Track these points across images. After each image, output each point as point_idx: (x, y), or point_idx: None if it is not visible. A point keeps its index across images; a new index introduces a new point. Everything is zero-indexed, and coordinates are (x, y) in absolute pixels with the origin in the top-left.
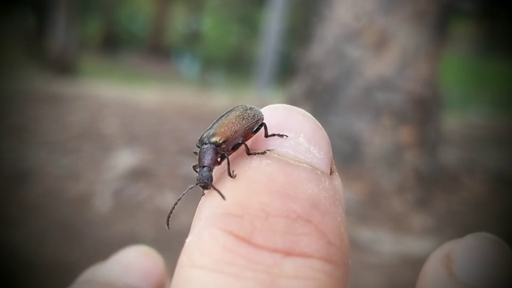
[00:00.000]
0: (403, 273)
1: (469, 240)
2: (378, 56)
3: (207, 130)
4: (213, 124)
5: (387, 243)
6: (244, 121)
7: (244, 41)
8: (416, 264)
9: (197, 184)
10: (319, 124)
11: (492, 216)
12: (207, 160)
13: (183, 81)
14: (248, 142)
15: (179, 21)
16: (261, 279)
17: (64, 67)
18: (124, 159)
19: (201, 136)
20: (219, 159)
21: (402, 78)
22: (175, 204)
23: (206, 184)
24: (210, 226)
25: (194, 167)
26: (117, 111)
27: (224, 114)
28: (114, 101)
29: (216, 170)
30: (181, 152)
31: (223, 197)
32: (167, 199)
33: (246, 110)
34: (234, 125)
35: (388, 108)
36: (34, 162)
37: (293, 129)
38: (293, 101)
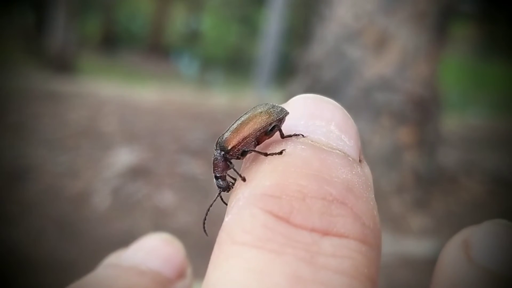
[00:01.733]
0: (402, 273)
1: (486, 226)
2: (378, 57)
3: (223, 133)
4: (230, 126)
5: (385, 244)
6: (257, 125)
7: (243, 40)
8: (414, 264)
9: (221, 191)
10: (348, 114)
11: (490, 217)
12: (218, 169)
13: (182, 80)
14: (266, 142)
15: (178, 20)
16: (301, 256)
17: (64, 65)
18: (123, 157)
19: (217, 140)
20: (229, 166)
21: (402, 78)
22: (208, 210)
23: (225, 190)
24: (249, 205)
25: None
26: (116, 110)
27: (243, 114)
28: (113, 99)
29: (247, 158)
30: (180, 150)
31: (243, 179)
32: (166, 198)
33: (261, 112)
34: (245, 131)
35: (387, 108)
36: (33, 159)
37: (324, 117)
38: None
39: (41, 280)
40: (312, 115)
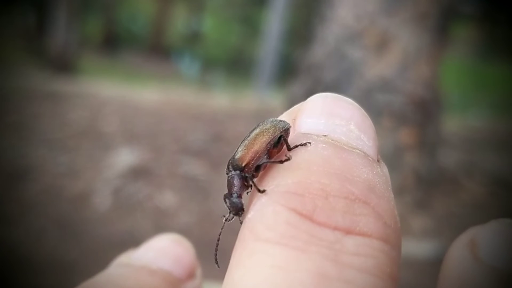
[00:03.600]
0: (402, 274)
1: (492, 225)
2: (379, 58)
3: (232, 156)
4: (238, 147)
5: None
6: (264, 139)
7: (244, 41)
8: (415, 265)
9: (230, 213)
10: (366, 114)
11: (491, 218)
12: (234, 189)
13: (183, 80)
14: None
15: (179, 21)
16: (325, 254)
17: (64, 65)
18: (124, 158)
19: (228, 162)
20: (246, 184)
21: (403, 79)
22: (218, 240)
23: (238, 211)
24: (272, 203)
25: (225, 197)
26: (117, 110)
27: (248, 134)
28: (114, 99)
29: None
30: (180, 151)
31: (262, 191)
32: (167, 198)
33: (266, 125)
34: (254, 146)
35: (388, 109)
36: (33, 159)
37: (344, 116)
38: (293, 102)
39: (41, 280)
40: (331, 114)
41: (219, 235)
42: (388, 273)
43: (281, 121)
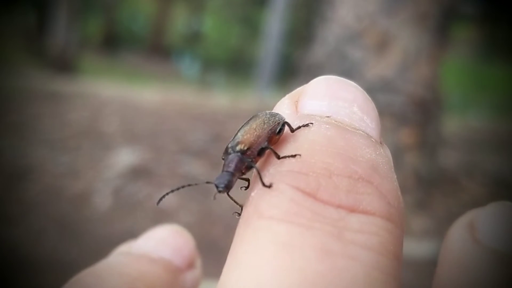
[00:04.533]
0: (402, 275)
1: (491, 207)
2: (379, 58)
3: (230, 141)
4: (235, 134)
5: None
6: (265, 125)
7: (244, 41)
8: (415, 266)
9: (218, 188)
10: (369, 97)
11: None
12: (231, 167)
13: (183, 81)
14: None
15: (179, 21)
16: (329, 230)
17: (65, 65)
18: (124, 158)
19: (226, 148)
20: (244, 169)
21: (403, 80)
22: (178, 189)
23: (223, 187)
24: (276, 181)
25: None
26: (117, 110)
27: (245, 123)
28: (114, 99)
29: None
30: (181, 151)
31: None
32: (167, 198)
33: (266, 115)
34: (256, 131)
35: (388, 109)
36: (34, 159)
37: (347, 98)
38: None
39: (41, 280)
40: (334, 95)
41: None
42: (391, 251)
43: (278, 114)
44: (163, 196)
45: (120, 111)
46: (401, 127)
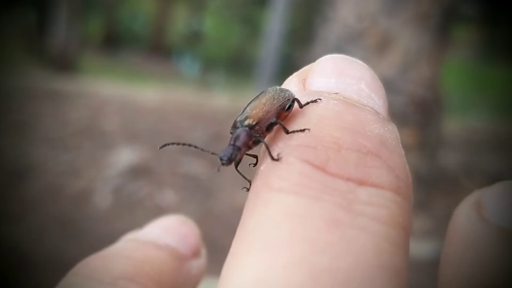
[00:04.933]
0: None
1: (498, 186)
2: (380, 58)
3: (239, 115)
4: (244, 109)
5: None
6: (275, 101)
7: (245, 41)
8: (415, 266)
9: (222, 160)
10: (376, 76)
11: None
12: (237, 140)
13: (183, 80)
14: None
15: (180, 21)
16: (338, 202)
17: (65, 65)
18: (125, 157)
19: (234, 122)
20: (251, 143)
21: (404, 80)
22: (184, 144)
23: (227, 160)
24: (285, 155)
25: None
26: (117, 109)
27: (254, 98)
28: (114, 99)
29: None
30: (181, 150)
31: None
32: (167, 197)
33: (276, 91)
34: (265, 106)
35: (389, 109)
36: (34, 158)
37: (355, 76)
38: None
39: (42, 279)
40: (342, 73)
41: (186, 144)
42: (400, 223)
43: (288, 90)
44: (166, 144)
45: (121, 110)
46: (402, 127)
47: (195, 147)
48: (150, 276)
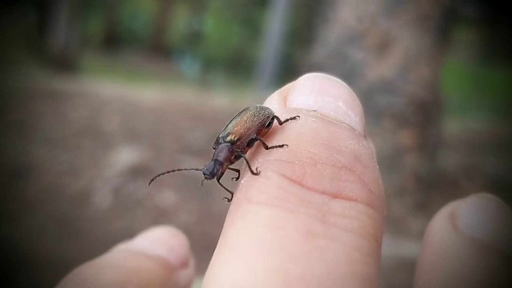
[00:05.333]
0: (401, 276)
1: (472, 198)
2: (380, 59)
3: (221, 132)
4: (226, 125)
5: (385, 246)
6: (255, 118)
7: (245, 42)
8: (414, 267)
9: (205, 175)
10: (354, 93)
11: None
12: (220, 156)
13: (183, 80)
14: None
15: (180, 21)
16: (313, 214)
17: (65, 64)
18: (124, 157)
19: (217, 138)
20: (232, 158)
21: (404, 81)
22: (173, 171)
23: (209, 174)
24: (264, 169)
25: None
26: (117, 109)
27: (236, 115)
28: (115, 99)
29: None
30: (181, 150)
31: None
32: (167, 197)
33: (257, 109)
34: (246, 123)
35: (389, 110)
36: (34, 158)
37: (333, 94)
38: None
39: (41, 278)
40: (321, 91)
41: (175, 171)
42: (372, 234)
43: (268, 108)
44: (154, 178)
45: (121, 110)
46: (401, 128)
47: (179, 170)
48: (140, 285)
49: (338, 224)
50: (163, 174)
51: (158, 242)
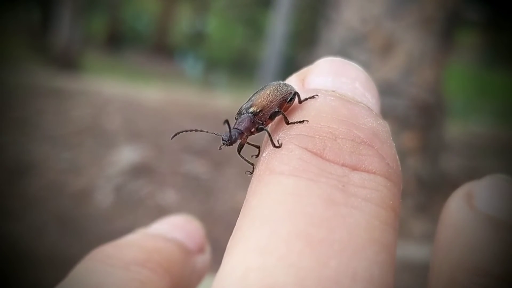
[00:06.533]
0: (403, 278)
1: (487, 179)
2: (384, 61)
3: (245, 103)
4: (250, 98)
5: None
6: (278, 93)
7: (248, 42)
8: (415, 269)
9: (223, 141)
10: (370, 77)
11: None
12: (241, 125)
13: (186, 80)
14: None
15: (184, 21)
16: (334, 184)
17: (68, 63)
18: (126, 155)
19: (240, 109)
20: (253, 130)
21: (407, 83)
22: (195, 130)
23: (228, 141)
24: (286, 142)
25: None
26: (120, 108)
27: (259, 90)
28: (117, 97)
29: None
30: (183, 150)
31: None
32: (168, 196)
33: (280, 84)
34: (269, 96)
35: (391, 113)
36: (36, 155)
37: (350, 76)
38: None
39: (41, 276)
40: (338, 73)
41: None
42: (390, 205)
43: (290, 85)
44: (177, 133)
45: (123, 109)
46: (404, 130)
47: (201, 131)
48: (160, 263)
49: (358, 194)
50: (186, 131)
51: (176, 227)
